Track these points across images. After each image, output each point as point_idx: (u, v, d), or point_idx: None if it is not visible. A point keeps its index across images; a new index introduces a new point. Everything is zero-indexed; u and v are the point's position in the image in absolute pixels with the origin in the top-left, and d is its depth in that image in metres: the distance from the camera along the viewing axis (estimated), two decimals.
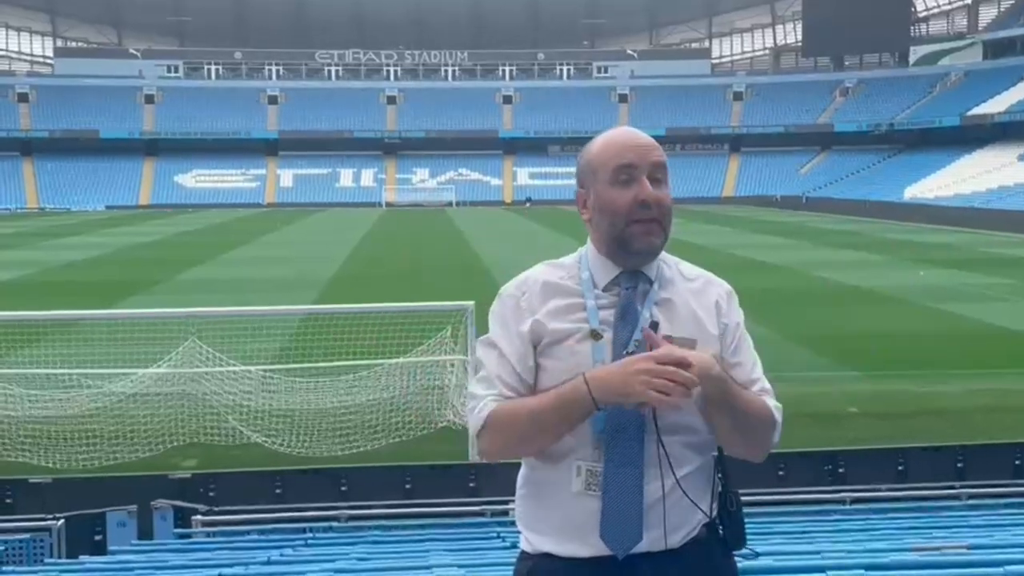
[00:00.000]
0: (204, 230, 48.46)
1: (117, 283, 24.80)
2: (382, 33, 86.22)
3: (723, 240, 38.66)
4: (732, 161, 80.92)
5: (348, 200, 74.56)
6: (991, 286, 24.92)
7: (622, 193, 2.31)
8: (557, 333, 2.32)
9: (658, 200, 2.30)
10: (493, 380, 2.36)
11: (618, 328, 2.30)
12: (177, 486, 9.22)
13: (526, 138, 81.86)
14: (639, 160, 2.32)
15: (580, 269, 2.40)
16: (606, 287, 2.36)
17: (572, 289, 2.37)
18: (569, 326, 2.33)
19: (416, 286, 22.99)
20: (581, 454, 2.30)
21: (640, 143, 2.35)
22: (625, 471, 2.26)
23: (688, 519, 2.33)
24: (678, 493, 2.28)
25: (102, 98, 79.90)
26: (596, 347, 2.30)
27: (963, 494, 7.82)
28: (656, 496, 2.27)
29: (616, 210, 2.32)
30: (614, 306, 2.34)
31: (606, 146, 2.36)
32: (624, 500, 2.26)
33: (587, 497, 2.29)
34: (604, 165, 2.34)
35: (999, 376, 14.96)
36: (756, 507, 7.12)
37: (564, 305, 2.35)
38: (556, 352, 2.32)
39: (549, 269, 2.43)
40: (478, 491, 8.87)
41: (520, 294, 2.39)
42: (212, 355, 11.66)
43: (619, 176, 2.32)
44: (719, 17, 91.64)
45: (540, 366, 2.34)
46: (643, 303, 2.34)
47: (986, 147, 65.77)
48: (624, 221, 2.31)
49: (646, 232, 2.31)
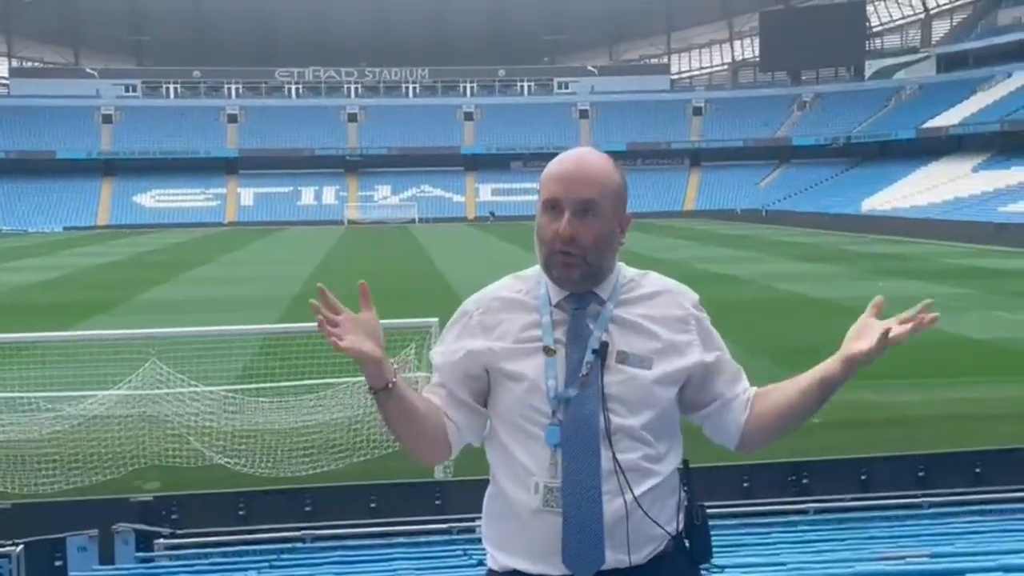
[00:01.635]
0: (164, 250, 48.06)
1: (76, 304, 24.51)
2: (343, 51, 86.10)
3: (685, 254, 38.86)
4: (692, 175, 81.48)
5: (310, 218, 74.22)
6: (949, 296, 25.23)
7: (549, 223, 2.33)
8: (507, 347, 2.35)
9: (572, 238, 2.29)
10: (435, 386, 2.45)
11: (569, 348, 2.32)
12: (139, 509, 9.10)
13: (488, 154, 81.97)
14: (564, 194, 2.31)
15: (539, 284, 2.41)
16: (558, 304, 2.37)
17: (530, 304, 2.39)
18: (522, 340, 2.35)
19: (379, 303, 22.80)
20: (538, 470, 2.30)
21: (571, 176, 2.33)
22: (583, 487, 2.25)
23: (653, 535, 2.32)
24: (640, 512, 2.28)
25: (59, 118, 79.12)
26: (549, 362, 2.32)
27: (925, 503, 7.89)
28: (619, 513, 2.26)
29: (541, 237, 2.35)
30: (565, 324, 2.36)
31: (548, 171, 2.38)
32: (584, 518, 2.26)
33: (548, 514, 2.28)
34: (541, 190, 2.37)
35: (959, 385, 15.14)
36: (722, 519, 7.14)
37: (520, 320, 2.37)
38: (510, 368, 2.33)
39: (512, 282, 2.46)
40: (444, 509, 8.82)
41: (476, 310, 2.42)
42: (173, 376, 11.54)
43: (547, 205, 2.34)
44: (677, 33, 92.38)
45: (495, 381, 2.36)
46: (596, 322, 2.35)
47: (942, 159, 66.69)
48: (548, 249, 2.33)
49: (565, 264, 2.32)
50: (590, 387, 2.27)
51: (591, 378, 2.28)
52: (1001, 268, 33.04)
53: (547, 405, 2.29)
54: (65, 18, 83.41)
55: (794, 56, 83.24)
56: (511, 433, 2.34)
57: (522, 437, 2.32)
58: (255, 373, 13.45)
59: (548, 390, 2.29)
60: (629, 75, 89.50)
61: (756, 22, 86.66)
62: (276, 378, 12.57)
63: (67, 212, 73.35)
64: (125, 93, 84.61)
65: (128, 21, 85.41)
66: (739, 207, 72.76)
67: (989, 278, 29.60)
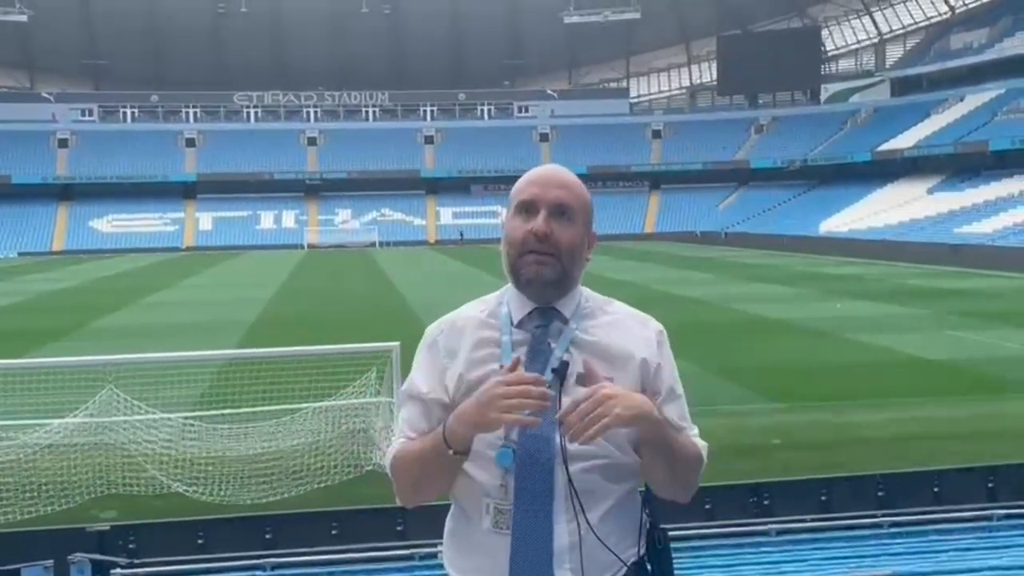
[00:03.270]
0: (121, 275, 47.55)
1: (31, 331, 24.17)
2: (302, 75, 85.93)
3: (645, 276, 39.07)
4: (652, 198, 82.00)
5: (270, 242, 73.81)
6: (906, 316, 25.53)
7: (520, 224, 2.34)
8: (470, 376, 2.33)
9: (547, 234, 2.30)
10: (403, 426, 2.40)
11: (528, 367, 2.28)
12: (95, 539, 8.95)
13: (448, 178, 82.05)
14: (541, 195, 2.34)
15: (500, 305, 2.41)
16: (520, 323, 2.36)
17: (490, 324, 2.39)
18: (483, 366, 2.34)
19: (341, 328, 22.80)
20: (490, 492, 2.29)
21: (549, 179, 2.38)
22: (533, 510, 2.24)
23: (610, 560, 2.30)
24: (593, 537, 2.26)
25: (14, 143, 78.25)
26: None
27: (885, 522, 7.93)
28: (571, 538, 2.24)
29: (512, 240, 2.35)
30: (526, 343, 2.34)
31: (524, 179, 2.41)
32: (531, 542, 2.24)
33: (497, 536, 2.27)
34: (513, 198, 2.39)
35: (917, 405, 15.29)
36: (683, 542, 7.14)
37: (480, 341, 2.36)
38: (472, 389, 2.31)
39: (472, 307, 2.45)
40: (406, 534, 8.76)
41: (439, 332, 2.42)
42: (130, 403, 11.40)
43: (521, 209, 2.35)
44: (636, 57, 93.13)
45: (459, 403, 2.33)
46: (558, 341, 2.34)
47: (897, 181, 67.61)
48: (518, 251, 2.34)
49: (536, 262, 2.32)
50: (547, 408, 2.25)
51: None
52: (956, 288, 33.48)
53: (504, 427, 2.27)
54: (20, 42, 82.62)
55: (751, 80, 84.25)
56: (474, 457, 2.31)
57: (476, 458, 2.29)
58: (213, 400, 13.32)
59: None
60: (589, 99, 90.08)
61: (714, 46, 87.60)
62: (235, 404, 12.46)
63: (22, 237, 72.44)
64: (81, 117, 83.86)
65: (84, 45, 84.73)
66: (699, 229, 73.29)
67: (944, 298, 29.99)
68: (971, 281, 36.31)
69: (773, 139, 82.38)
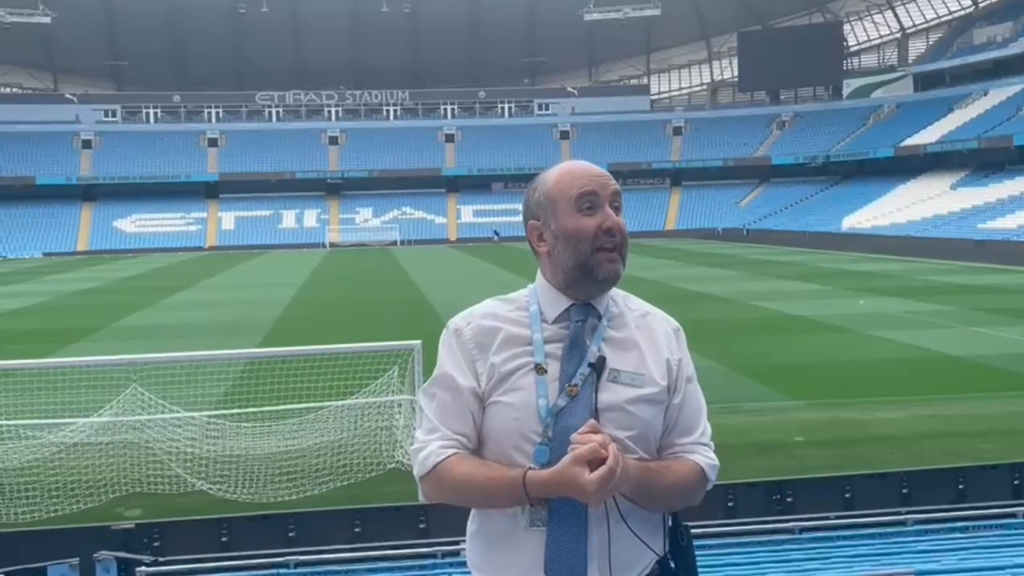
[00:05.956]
0: (145, 275, 47.84)
1: (56, 331, 24.35)
2: (322, 74, 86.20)
3: (667, 273, 38.97)
4: (674, 195, 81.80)
5: (291, 241, 74.12)
6: (930, 313, 25.36)
7: (587, 221, 2.33)
8: (501, 368, 2.32)
9: (620, 227, 2.35)
10: (434, 420, 2.36)
11: (564, 361, 2.30)
12: (120, 537, 9.02)
13: (469, 176, 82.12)
14: (601, 189, 2.35)
15: (529, 303, 2.40)
16: (555, 320, 2.36)
17: (519, 322, 2.38)
18: (514, 361, 2.33)
19: (362, 327, 22.86)
20: None
21: (599, 172, 2.39)
22: (570, 505, 2.24)
23: (639, 557, 2.32)
24: (625, 530, 2.27)
25: (38, 144, 78.90)
26: (540, 381, 2.30)
27: (909, 520, 7.89)
28: (603, 534, 2.26)
29: (582, 237, 2.33)
30: (561, 339, 2.34)
31: (564, 176, 2.38)
32: (568, 536, 2.25)
33: (534, 533, 2.27)
34: (564, 194, 2.35)
35: (940, 402, 15.19)
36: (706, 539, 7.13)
37: (509, 339, 2.35)
38: (501, 387, 2.31)
39: (496, 304, 2.44)
40: (429, 532, 8.79)
41: (465, 324, 2.40)
42: (155, 402, 11.46)
43: (582, 204, 2.34)
44: (656, 54, 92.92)
45: (486, 401, 2.34)
46: (592, 337, 2.34)
47: (920, 177, 67.19)
48: (590, 248, 2.33)
49: (610, 260, 2.34)
50: (580, 400, 2.25)
51: (582, 391, 2.27)
52: (980, 284, 33.24)
53: (539, 424, 2.27)
54: (43, 44, 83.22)
55: (772, 76, 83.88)
56: (499, 453, 2.31)
57: (512, 455, 2.29)
58: (237, 398, 13.39)
59: (540, 409, 2.27)
60: (609, 96, 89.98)
61: (735, 42, 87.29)
62: (258, 403, 12.51)
63: (47, 238, 73.01)
64: (104, 118, 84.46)
65: (107, 46, 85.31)
66: (720, 226, 73.06)
67: (969, 295, 29.77)
68: (996, 277, 36.04)
69: (795, 135, 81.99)
